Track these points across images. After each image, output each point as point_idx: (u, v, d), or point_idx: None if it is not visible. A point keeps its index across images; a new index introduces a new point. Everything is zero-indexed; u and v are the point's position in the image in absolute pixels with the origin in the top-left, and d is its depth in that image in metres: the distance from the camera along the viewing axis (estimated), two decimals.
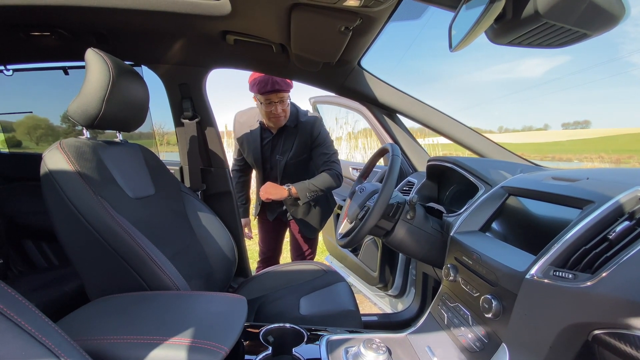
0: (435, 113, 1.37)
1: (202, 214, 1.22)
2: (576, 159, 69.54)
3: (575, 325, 0.48)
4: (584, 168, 0.75)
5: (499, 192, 0.79)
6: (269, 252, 1.86)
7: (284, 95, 1.38)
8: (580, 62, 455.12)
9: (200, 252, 1.14)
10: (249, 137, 1.57)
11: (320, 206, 1.66)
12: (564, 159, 66.54)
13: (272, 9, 0.83)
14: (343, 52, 1.03)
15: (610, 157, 62.14)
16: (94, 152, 0.84)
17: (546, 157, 47.97)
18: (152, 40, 1.11)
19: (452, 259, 0.77)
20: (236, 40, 1.11)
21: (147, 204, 0.99)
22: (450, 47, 0.74)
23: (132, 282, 0.75)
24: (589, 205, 0.55)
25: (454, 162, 1.05)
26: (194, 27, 1.03)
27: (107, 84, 0.83)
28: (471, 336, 0.63)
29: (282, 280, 1.28)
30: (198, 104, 1.31)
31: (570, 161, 53.92)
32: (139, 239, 0.78)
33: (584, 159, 66.40)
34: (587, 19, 0.55)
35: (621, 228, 0.48)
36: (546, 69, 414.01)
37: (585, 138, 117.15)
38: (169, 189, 1.14)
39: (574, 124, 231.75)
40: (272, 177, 1.58)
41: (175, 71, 1.25)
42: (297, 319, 1.01)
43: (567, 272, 0.50)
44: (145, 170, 1.06)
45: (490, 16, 0.55)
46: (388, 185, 0.86)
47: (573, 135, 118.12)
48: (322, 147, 1.51)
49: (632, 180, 0.54)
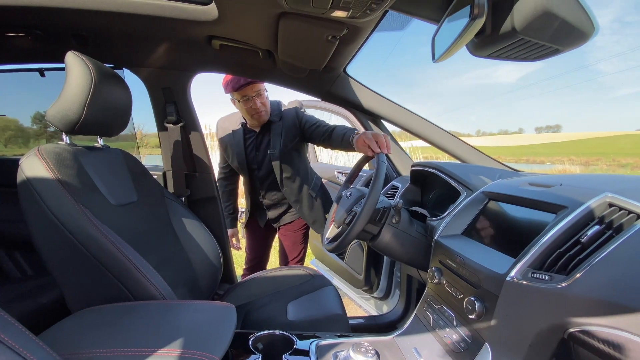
0: (417, 119, 1.41)
1: (186, 220, 1.20)
2: (549, 161, 72.76)
3: (552, 324, 0.51)
4: (558, 174, 0.80)
5: (480, 197, 0.83)
6: (256, 259, 1.83)
7: (259, 87, 1.37)
8: (552, 69, 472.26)
9: (185, 259, 1.12)
10: (232, 141, 1.55)
11: (320, 199, 1.64)
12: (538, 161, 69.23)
13: (260, 16, 0.84)
14: (329, 60, 1.05)
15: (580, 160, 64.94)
16: (75, 159, 0.82)
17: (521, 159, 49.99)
18: (136, 44, 1.09)
19: (437, 262, 0.79)
20: (222, 45, 1.11)
21: (130, 211, 0.96)
22: (434, 58, 0.77)
23: (116, 293, 0.73)
24: (563, 211, 0.58)
25: (437, 167, 1.08)
26: (179, 32, 1.02)
27: (88, 88, 0.81)
28: (456, 337, 0.66)
29: (269, 285, 1.27)
30: (182, 109, 1.29)
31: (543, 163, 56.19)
32: (123, 247, 0.76)
33: (556, 161, 69.76)
34: (559, 36, 0.59)
35: (592, 232, 0.52)
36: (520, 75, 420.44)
37: (556, 141, 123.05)
38: (152, 195, 1.11)
39: (546, 128, 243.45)
40: (259, 178, 1.56)
41: (159, 75, 1.22)
42: (285, 324, 1.01)
43: (544, 274, 0.53)
44: (128, 176, 1.04)
45: (472, 31, 0.58)
46: (375, 190, 0.88)
47: (545, 139, 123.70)
48: (314, 123, 1.46)
49: (602, 186, 0.58)
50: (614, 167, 63.66)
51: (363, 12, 0.68)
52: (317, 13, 0.70)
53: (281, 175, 1.50)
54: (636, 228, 0.49)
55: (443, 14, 0.69)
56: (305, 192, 1.58)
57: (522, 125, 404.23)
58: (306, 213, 1.59)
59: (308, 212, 1.60)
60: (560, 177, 0.73)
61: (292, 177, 1.53)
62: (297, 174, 1.54)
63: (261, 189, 1.58)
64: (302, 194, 1.58)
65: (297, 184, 1.56)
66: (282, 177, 1.50)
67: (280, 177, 1.50)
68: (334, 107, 1.75)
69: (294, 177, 1.54)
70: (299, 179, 1.55)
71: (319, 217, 1.62)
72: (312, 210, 1.61)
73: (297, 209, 1.59)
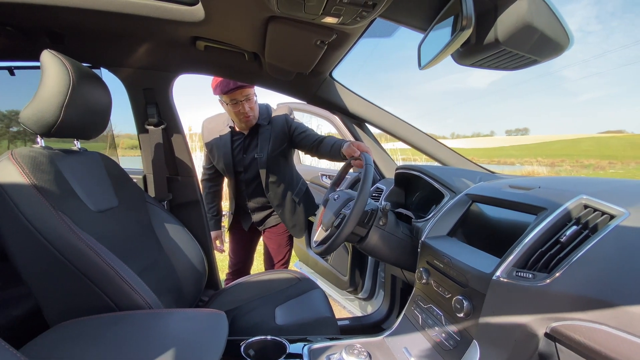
0: (400, 122, 1.45)
1: (169, 225, 1.17)
2: (518, 162, 76.45)
3: (535, 320, 0.54)
4: (536, 177, 0.85)
5: (464, 199, 0.86)
6: (240, 263, 1.81)
7: (249, 92, 1.36)
8: (520, 75, 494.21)
9: (168, 265, 1.09)
10: (218, 143, 1.52)
11: (303, 204, 1.64)
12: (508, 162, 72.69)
13: (248, 19, 0.83)
14: (317, 64, 1.06)
15: (547, 161, 68.71)
16: (51, 163, 0.77)
17: (493, 160, 52.21)
18: (115, 43, 1.05)
19: (424, 262, 0.82)
20: (207, 47, 1.09)
21: (110, 217, 0.92)
22: (420, 65, 0.80)
23: (99, 303, 0.69)
24: (543, 212, 0.62)
25: (421, 170, 1.11)
26: (162, 32, 0.99)
27: (66, 89, 0.77)
28: (445, 335, 0.68)
29: (255, 290, 1.26)
30: (164, 110, 1.26)
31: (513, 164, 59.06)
32: (105, 255, 0.73)
33: (525, 162, 73.44)
34: (538, 47, 0.63)
35: (570, 232, 0.56)
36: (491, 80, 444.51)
37: (525, 144, 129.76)
38: (133, 199, 1.07)
39: (516, 130, 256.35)
40: (245, 181, 1.54)
41: (140, 75, 1.18)
42: (274, 329, 1.01)
43: (528, 272, 0.56)
44: (107, 180, 1.00)
45: (459, 41, 0.61)
46: (363, 192, 0.89)
47: (515, 141, 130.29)
48: (303, 130, 1.48)
49: (577, 189, 0.62)
50: (578, 168, 67.91)
51: (353, 19, 0.69)
52: (308, 18, 0.70)
53: (267, 179, 1.49)
54: (610, 228, 0.53)
55: (430, 23, 0.71)
56: (289, 197, 1.59)
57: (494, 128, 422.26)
58: (287, 217, 1.60)
59: (289, 217, 1.60)
60: (538, 179, 0.78)
61: (278, 181, 1.53)
62: (282, 179, 1.54)
63: (246, 192, 1.57)
64: (286, 199, 1.58)
65: (281, 189, 1.56)
66: (267, 181, 1.50)
67: (265, 181, 1.49)
68: (320, 110, 1.76)
69: (279, 182, 1.54)
70: (284, 184, 1.56)
71: (299, 221, 1.64)
72: (293, 215, 1.62)
73: (279, 213, 1.60)
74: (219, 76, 1.29)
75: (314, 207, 1.75)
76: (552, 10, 0.58)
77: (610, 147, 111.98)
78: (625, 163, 78.11)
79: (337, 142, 1.32)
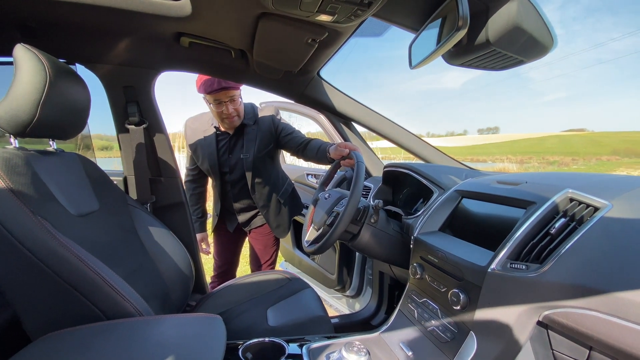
0: (386, 121, 1.47)
1: (153, 229, 1.13)
2: (490, 160, 79.76)
3: (529, 308, 0.57)
4: (521, 173, 0.88)
5: (453, 195, 0.89)
6: (225, 265, 1.77)
7: (234, 93, 1.33)
8: (491, 76, 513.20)
9: (154, 270, 1.05)
10: (202, 143, 1.48)
11: (288, 205, 1.63)
12: (480, 160, 75.85)
13: (238, 15, 0.81)
14: (305, 62, 1.05)
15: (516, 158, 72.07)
16: (27, 165, 0.72)
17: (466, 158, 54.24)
18: (93, 38, 0.99)
19: (418, 258, 0.83)
20: (192, 43, 1.05)
21: (91, 221, 0.88)
22: (410, 64, 0.81)
23: (86, 312, 0.66)
24: (532, 206, 0.65)
25: (410, 168, 1.13)
26: (145, 27, 0.95)
27: (42, 86, 0.72)
28: (442, 328, 0.70)
29: (245, 292, 1.23)
30: (146, 109, 1.20)
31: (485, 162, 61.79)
32: (90, 261, 0.69)
33: (496, 160, 76.82)
34: (525, 48, 0.66)
35: (559, 224, 0.59)
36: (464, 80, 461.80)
37: (495, 142, 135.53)
38: (115, 202, 1.02)
39: (487, 129, 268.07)
40: (231, 181, 1.51)
41: (119, 72, 1.13)
42: (267, 331, 0.99)
43: (521, 264, 0.58)
44: (87, 182, 0.94)
45: (453, 41, 0.62)
46: (356, 190, 0.90)
47: (486, 140, 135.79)
48: (290, 132, 1.47)
49: (562, 183, 0.66)
50: (544, 165, 71.87)
51: (347, 18, 0.69)
52: (303, 16, 0.70)
53: (253, 180, 1.47)
54: (595, 220, 0.56)
55: (421, 23, 0.73)
56: (274, 198, 1.58)
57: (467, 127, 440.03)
58: (272, 218, 1.59)
59: (274, 217, 1.59)
60: (523, 175, 0.81)
61: (263, 182, 1.51)
62: (268, 179, 1.53)
63: (232, 193, 1.54)
64: (272, 200, 1.57)
65: (267, 190, 1.54)
66: (253, 181, 1.47)
67: (251, 182, 1.47)
68: (304, 109, 1.76)
69: (265, 183, 1.52)
70: (270, 184, 1.54)
71: (282, 222, 1.63)
72: (277, 216, 1.61)
73: (263, 214, 1.58)
74: (203, 74, 1.26)
75: (299, 207, 1.74)
76: (540, 13, 0.60)
77: (573, 145, 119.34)
78: (586, 159, 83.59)
79: (323, 145, 1.32)
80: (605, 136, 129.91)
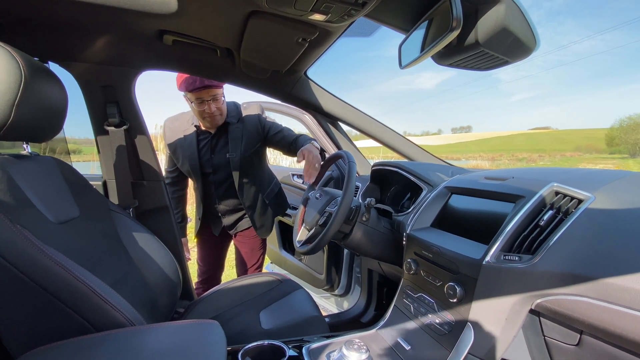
0: (371, 121, 1.49)
1: (137, 234, 1.08)
2: (463, 157, 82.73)
3: (523, 298, 0.59)
4: (506, 168, 0.92)
5: (443, 191, 0.91)
6: (210, 271, 1.72)
7: (217, 92, 1.29)
8: (463, 77, 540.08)
9: (139, 277, 1.00)
10: (182, 143, 1.43)
11: (273, 205, 1.61)
12: (455, 158, 78.69)
13: (228, 13, 0.80)
14: (294, 62, 1.04)
15: (487, 156, 74.97)
16: (2, 170, 0.67)
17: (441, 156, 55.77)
18: (69, 35, 0.94)
19: (412, 254, 0.85)
20: (175, 41, 1.02)
21: (72, 229, 0.83)
22: (400, 65, 0.83)
23: (73, 325, 0.62)
24: (521, 200, 0.68)
25: (398, 166, 1.15)
26: (125, 24, 0.91)
27: (17, 86, 0.67)
28: (439, 321, 0.71)
29: (235, 296, 1.21)
30: (126, 110, 1.15)
31: (460, 159, 64.15)
32: (76, 271, 0.65)
33: (469, 157, 79.51)
34: (511, 49, 0.69)
35: (548, 216, 0.62)
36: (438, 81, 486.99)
37: (468, 141, 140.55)
38: (96, 208, 0.97)
39: (460, 128, 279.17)
40: (215, 182, 1.46)
41: (98, 71, 1.07)
42: (261, 334, 0.98)
43: (514, 255, 0.61)
44: (66, 187, 0.89)
45: (445, 42, 0.64)
46: (349, 189, 0.90)
47: (460, 139, 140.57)
48: (279, 130, 1.45)
49: (547, 177, 0.69)
50: (514, 161, 75.46)
51: (340, 17, 0.70)
52: (296, 15, 0.69)
53: (240, 180, 1.44)
54: (580, 211, 0.59)
55: (412, 24, 0.74)
56: (260, 198, 1.55)
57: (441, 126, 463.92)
58: (257, 219, 1.57)
59: (258, 218, 1.57)
60: (509, 171, 0.85)
61: (251, 182, 1.49)
62: (255, 179, 1.51)
63: (216, 194, 1.50)
64: (258, 200, 1.55)
65: (254, 190, 1.52)
66: (241, 181, 1.44)
67: (239, 182, 1.44)
68: (289, 109, 1.75)
69: (252, 183, 1.49)
70: (256, 184, 1.52)
71: (266, 222, 1.61)
72: (262, 216, 1.59)
73: (249, 214, 1.55)
74: (187, 73, 1.22)
75: (283, 207, 1.73)
76: (525, 15, 0.63)
77: (539, 142, 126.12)
78: (552, 155, 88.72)
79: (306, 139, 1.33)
80: (568, 134, 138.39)
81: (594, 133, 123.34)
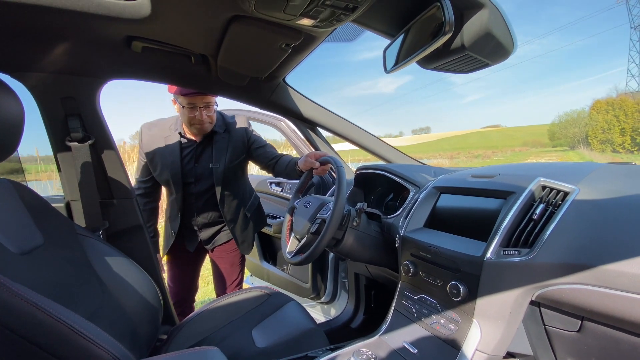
0: (350, 125, 1.50)
1: (110, 259, 0.98)
2: (425, 157, 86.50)
3: (525, 290, 0.61)
4: (490, 166, 0.96)
5: (432, 191, 0.93)
6: (183, 291, 1.60)
7: (210, 100, 1.25)
8: (419, 81, 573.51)
9: (117, 306, 0.91)
10: (163, 151, 1.34)
11: (254, 220, 1.57)
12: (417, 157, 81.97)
13: (207, 17, 0.75)
14: (274, 68, 1.02)
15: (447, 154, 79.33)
16: None
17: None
18: (21, 42, 0.84)
19: (408, 255, 0.85)
20: (145, 48, 0.95)
21: (37, 259, 0.73)
22: (385, 69, 0.84)
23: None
24: (512, 196, 0.70)
25: (383, 169, 1.17)
26: (89, 30, 0.83)
27: None
28: (443, 321, 0.72)
29: (221, 316, 1.14)
30: (90, 123, 1.05)
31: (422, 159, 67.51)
32: (48, 306, 0.57)
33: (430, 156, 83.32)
34: (493, 52, 0.72)
35: (540, 210, 0.64)
36: (397, 85, 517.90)
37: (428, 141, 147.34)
38: (61, 233, 0.87)
39: (420, 130, 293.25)
40: (195, 193, 1.38)
41: (56, 82, 0.97)
42: (257, 354, 0.93)
43: (513, 250, 0.63)
44: (26, 213, 0.79)
45: (434, 46, 0.65)
46: (341, 195, 0.89)
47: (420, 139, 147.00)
48: (262, 145, 1.44)
49: (532, 172, 0.73)
50: (471, 158, 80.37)
51: (329, 22, 0.69)
52: (283, 19, 0.67)
53: (222, 192, 1.38)
54: (568, 203, 0.63)
55: (398, 29, 0.75)
56: (242, 211, 1.50)
57: (402, 128, 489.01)
58: (238, 233, 1.51)
59: (240, 233, 1.51)
60: (493, 168, 0.88)
61: (233, 195, 1.43)
62: (238, 192, 1.46)
63: (196, 206, 1.41)
64: (239, 214, 1.49)
65: (236, 203, 1.46)
66: (223, 193, 1.38)
67: (221, 194, 1.37)
68: (264, 117, 1.71)
69: (234, 196, 1.44)
70: (238, 197, 1.47)
71: (248, 237, 1.56)
72: (244, 231, 1.53)
73: (230, 228, 1.49)
74: (157, 82, 1.14)
75: (263, 221, 1.69)
76: (505, 20, 0.67)
77: (492, 140, 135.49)
78: (504, 151, 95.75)
79: (292, 160, 1.32)
80: (516, 130, 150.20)
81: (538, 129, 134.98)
